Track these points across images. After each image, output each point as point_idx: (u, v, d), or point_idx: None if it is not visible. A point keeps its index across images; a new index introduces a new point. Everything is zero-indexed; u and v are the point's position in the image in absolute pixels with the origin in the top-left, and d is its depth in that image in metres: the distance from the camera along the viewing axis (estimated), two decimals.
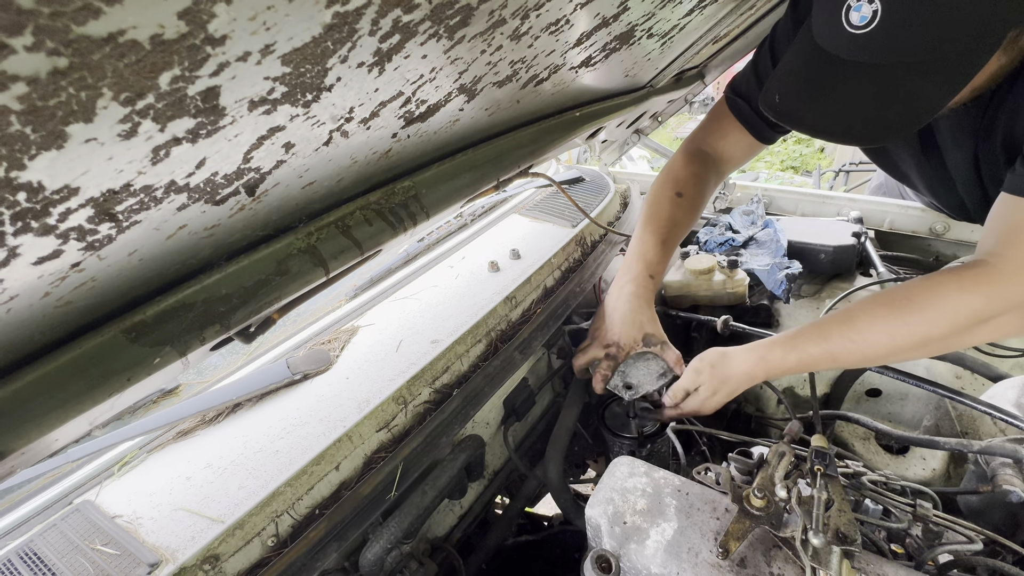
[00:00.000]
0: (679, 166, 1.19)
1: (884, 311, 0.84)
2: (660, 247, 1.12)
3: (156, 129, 0.35)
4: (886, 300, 0.85)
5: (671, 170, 1.20)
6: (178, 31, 0.30)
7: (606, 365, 1.04)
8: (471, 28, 0.52)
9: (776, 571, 0.68)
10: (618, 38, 0.86)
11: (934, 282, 0.82)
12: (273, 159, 0.50)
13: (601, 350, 1.06)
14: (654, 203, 1.18)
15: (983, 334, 0.80)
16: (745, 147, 1.18)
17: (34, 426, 0.45)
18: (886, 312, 0.83)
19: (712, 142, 1.20)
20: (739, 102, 1.11)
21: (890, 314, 0.83)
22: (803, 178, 6.52)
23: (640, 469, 0.82)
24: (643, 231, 1.15)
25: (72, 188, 0.35)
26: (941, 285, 0.81)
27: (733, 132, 1.17)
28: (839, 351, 0.87)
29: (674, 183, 1.17)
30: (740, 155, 1.21)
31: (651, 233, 1.13)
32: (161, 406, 1.00)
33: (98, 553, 0.69)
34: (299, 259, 0.64)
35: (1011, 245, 0.77)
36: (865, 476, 0.82)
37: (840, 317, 0.88)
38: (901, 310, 0.82)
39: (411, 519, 0.85)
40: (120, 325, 0.51)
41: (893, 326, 0.82)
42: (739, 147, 1.18)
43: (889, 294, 0.86)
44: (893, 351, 0.83)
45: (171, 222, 0.47)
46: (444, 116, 0.70)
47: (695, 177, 1.17)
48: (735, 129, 1.15)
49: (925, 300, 0.80)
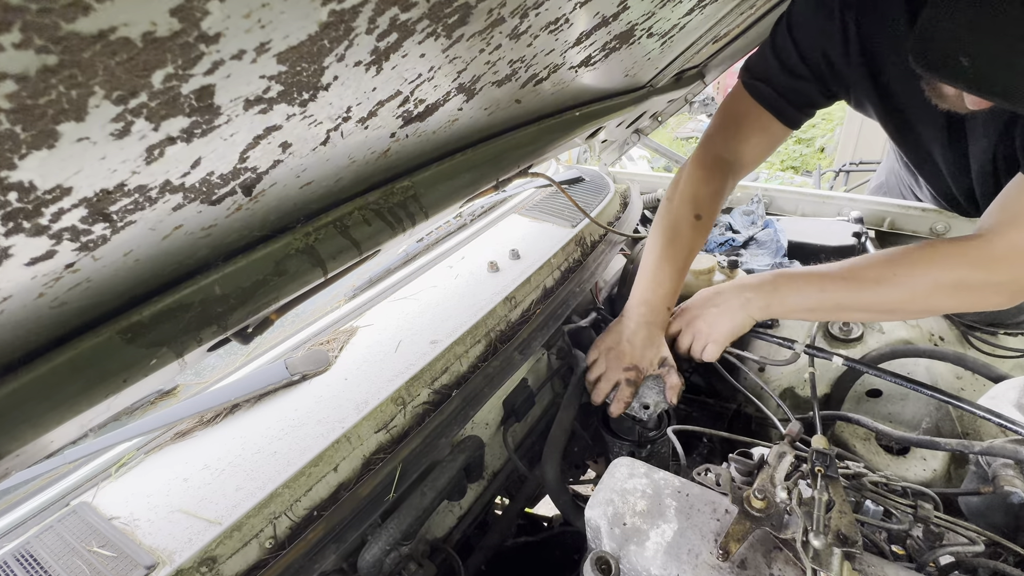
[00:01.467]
0: (700, 181, 1.11)
1: (880, 268, 0.90)
2: (677, 277, 1.10)
3: (150, 128, 0.35)
4: (885, 256, 0.92)
5: (692, 186, 1.12)
6: (171, 28, 0.29)
7: (628, 392, 1.03)
8: (469, 27, 0.52)
9: (777, 572, 0.67)
10: (618, 37, 0.85)
11: (932, 245, 0.88)
12: (270, 159, 0.50)
13: (620, 373, 1.04)
14: (673, 226, 1.11)
15: (961, 302, 0.88)
16: (768, 142, 1.11)
17: (29, 427, 0.45)
18: (883, 267, 0.90)
19: (733, 147, 1.13)
20: (760, 86, 1.04)
21: (886, 271, 0.90)
22: (803, 178, 6.52)
23: (640, 470, 0.82)
24: (661, 259, 1.09)
25: (65, 188, 0.34)
26: (935, 249, 0.86)
27: (754, 131, 1.09)
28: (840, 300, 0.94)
29: (695, 203, 1.10)
30: (761, 153, 1.14)
31: (669, 262, 1.09)
32: (159, 407, 1.00)
33: (95, 555, 0.69)
34: (297, 259, 0.63)
35: (1010, 224, 0.81)
36: (866, 477, 0.82)
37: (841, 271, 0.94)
38: (897, 266, 0.89)
39: (410, 520, 0.85)
40: (116, 326, 0.50)
41: (887, 283, 0.89)
42: (761, 144, 1.11)
43: (890, 252, 0.92)
44: (883, 304, 0.91)
45: (167, 222, 0.47)
46: (443, 116, 0.69)
47: (716, 195, 1.12)
48: (756, 125, 1.08)
49: (918, 258, 0.87)
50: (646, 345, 1.06)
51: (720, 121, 1.16)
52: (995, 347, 1.37)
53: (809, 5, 0.95)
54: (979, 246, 0.83)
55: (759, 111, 1.06)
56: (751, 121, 1.09)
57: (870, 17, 0.88)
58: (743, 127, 1.11)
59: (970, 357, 1.15)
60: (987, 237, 0.83)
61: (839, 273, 0.95)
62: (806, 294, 0.97)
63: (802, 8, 0.97)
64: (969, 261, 0.84)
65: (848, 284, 0.93)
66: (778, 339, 1.08)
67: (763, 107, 1.05)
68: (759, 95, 1.05)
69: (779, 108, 1.04)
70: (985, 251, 0.83)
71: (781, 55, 1.00)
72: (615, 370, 1.05)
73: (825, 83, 0.99)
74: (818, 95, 1.01)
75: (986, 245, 0.83)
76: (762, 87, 1.04)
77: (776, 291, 1.00)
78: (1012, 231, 0.81)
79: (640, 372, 1.05)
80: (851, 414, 1.09)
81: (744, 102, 1.08)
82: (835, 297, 0.94)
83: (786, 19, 1.00)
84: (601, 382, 1.06)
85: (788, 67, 0.99)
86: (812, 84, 0.99)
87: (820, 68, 0.97)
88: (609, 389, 1.05)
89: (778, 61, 1.01)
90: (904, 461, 1.15)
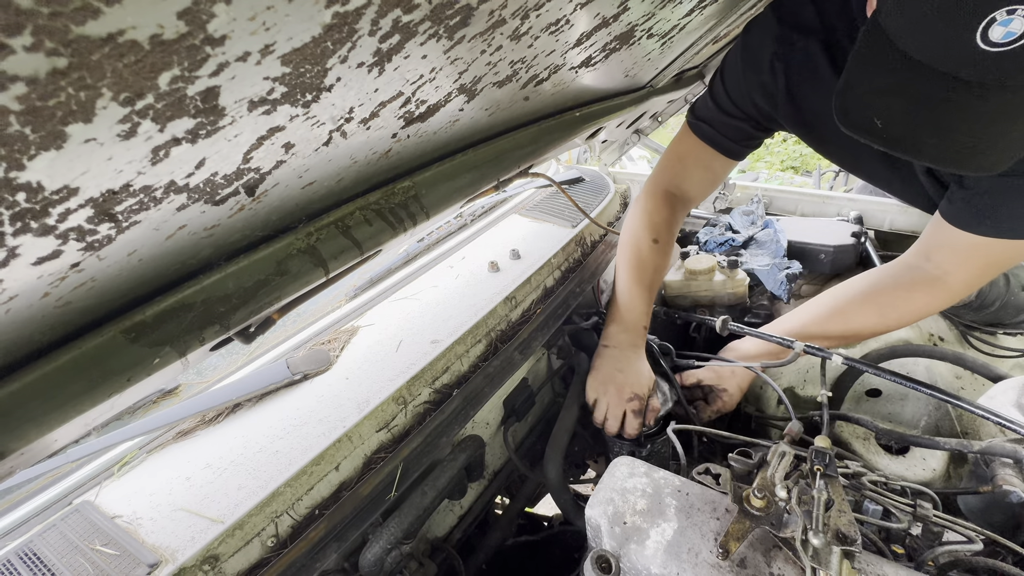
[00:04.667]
0: (652, 211, 1.24)
1: (865, 307, 1.07)
2: (648, 296, 1.21)
3: (156, 129, 0.35)
4: (868, 296, 1.08)
5: (646, 215, 1.24)
6: (177, 31, 0.30)
7: (637, 423, 1.08)
8: (471, 28, 0.52)
9: (776, 571, 0.68)
10: (618, 38, 0.86)
11: (905, 287, 1.03)
12: (273, 159, 0.50)
13: (624, 405, 1.09)
14: (636, 251, 1.24)
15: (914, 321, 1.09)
16: (711, 176, 1.22)
17: (33, 426, 0.45)
18: (868, 307, 1.07)
19: (677, 182, 1.25)
20: (702, 125, 1.15)
21: (873, 309, 1.07)
22: (803, 178, 6.52)
23: (640, 469, 0.82)
24: (631, 282, 1.21)
25: (72, 188, 0.35)
26: (911, 292, 1.03)
27: (697, 167, 1.20)
28: (832, 334, 1.11)
29: (652, 228, 1.23)
30: (706, 186, 1.25)
31: (637, 283, 1.21)
32: (161, 406, 1.00)
33: (98, 553, 0.69)
34: (299, 259, 0.63)
35: (957, 266, 0.97)
36: (865, 476, 0.82)
37: (830, 308, 1.11)
38: (881, 306, 1.06)
39: (411, 519, 0.85)
40: (120, 325, 0.51)
41: (873, 318, 1.07)
42: (705, 178, 1.23)
43: (871, 292, 1.07)
44: (865, 334, 1.12)
45: (171, 222, 0.47)
46: (444, 116, 0.70)
47: (667, 222, 1.24)
48: (699, 162, 1.19)
49: (900, 300, 1.04)
50: (638, 371, 1.13)
51: (667, 159, 1.26)
52: (994, 347, 1.38)
53: (739, 56, 1.04)
54: (943, 289, 0.99)
55: (701, 147, 1.16)
56: (694, 158, 1.20)
57: (797, 68, 0.96)
58: (687, 163, 1.22)
59: (969, 357, 1.16)
60: (945, 280, 0.98)
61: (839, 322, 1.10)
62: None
63: (732, 60, 1.06)
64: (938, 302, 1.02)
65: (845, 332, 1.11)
66: (778, 339, 1.09)
67: (705, 143, 1.16)
68: (701, 133, 1.16)
69: (719, 143, 1.15)
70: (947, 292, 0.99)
71: (718, 99, 1.10)
72: (618, 405, 1.09)
73: (757, 122, 1.09)
74: (753, 131, 1.12)
75: (947, 287, 0.98)
76: (704, 126, 1.15)
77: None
78: (961, 271, 0.96)
79: (642, 399, 1.10)
80: (851, 413, 1.09)
81: (689, 140, 1.18)
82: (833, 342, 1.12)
83: (720, 70, 1.10)
84: (608, 420, 1.10)
85: (723, 109, 1.10)
86: (746, 122, 1.10)
87: (750, 110, 1.07)
88: (619, 425, 1.09)
89: (715, 103, 1.11)
90: (903, 460, 1.15)
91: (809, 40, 0.93)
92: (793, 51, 0.95)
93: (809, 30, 0.93)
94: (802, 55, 0.94)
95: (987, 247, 0.90)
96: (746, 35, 1.03)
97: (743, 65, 1.03)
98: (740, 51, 1.04)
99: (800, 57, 0.95)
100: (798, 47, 0.94)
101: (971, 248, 0.92)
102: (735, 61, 1.06)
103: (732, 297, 1.42)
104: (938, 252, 0.99)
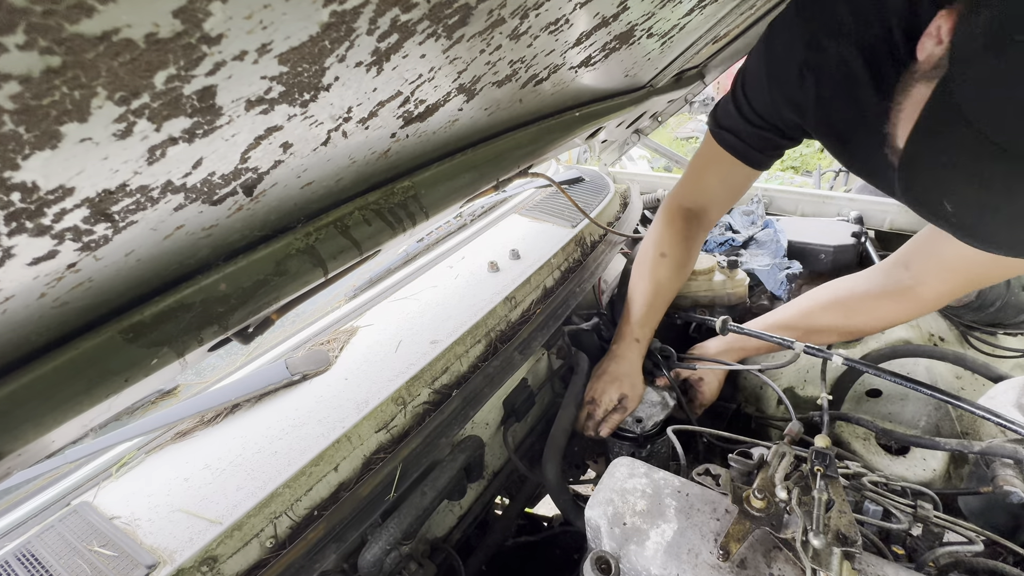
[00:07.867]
0: (664, 225, 1.26)
1: (833, 308, 1.13)
2: (647, 310, 1.23)
3: (152, 129, 0.35)
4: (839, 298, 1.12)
5: (657, 230, 1.27)
6: (173, 30, 0.29)
7: (617, 419, 1.14)
8: (470, 27, 0.52)
9: (776, 572, 0.67)
10: (618, 38, 0.85)
11: (874, 295, 1.07)
12: (271, 159, 0.50)
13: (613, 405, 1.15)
14: (640, 264, 1.28)
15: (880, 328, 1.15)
16: (732, 186, 1.18)
17: (31, 427, 0.45)
18: (836, 309, 1.12)
19: (696, 196, 1.23)
20: (725, 134, 1.08)
21: (839, 311, 1.12)
22: (803, 178, 6.52)
23: (640, 470, 0.82)
24: (632, 294, 1.26)
25: (67, 188, 0.35)
26: (879, 300, 1.06)
27: (718, 178, 1.16)
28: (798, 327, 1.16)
29: (656, 243, 1.26)
30: (727, 197, 1.22)
31: (640, 295, 1.25)
32: (159, 407, 1.00)
33: (96, 555, 0.69)
34: (298, 259, 0.63)
35: (935, 277, 0.98)
36: (865, 477, 0.82)
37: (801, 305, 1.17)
38: (847, 309, 1.11)
39: (410, 520, 0.85)
40: (117, 326, 0.50)
41: (839, 319, 1.12)
42: (724, 190, 1.19)
43: (842, 295, 1.12)
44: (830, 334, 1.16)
45: (168, 222, 0.47)
46: (443, 116, 0.69)
47: (680, 236, 1.24)
48: (721, 172, 1.14)
49: (866, 305, 1.08)
50: (631, 376, 1.18)
51: (688, 172, 1.23)
52: (995, 347, 1.38)
53: (762, 65, 0.94)
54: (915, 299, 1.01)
55: (723, 157, 1.10)
56: (714, 168, 1.15)
57: (830, 77, 0.86)
58: (707, 174, 1.18)
59: (970, 357, 1.16)
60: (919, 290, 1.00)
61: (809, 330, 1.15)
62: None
63: (755, 68, 0.96)
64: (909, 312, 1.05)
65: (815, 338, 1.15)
66: (778, 339, 1.08)
67: (729, 153, 1.09)
68: (724, 142, 1.09)
69: (743, 152, 1.08)
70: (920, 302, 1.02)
71: (740, 108, 1.04)
72: (608, 404, 1.15)
73: (783, 132, 1.03)
74: (780, 139, 1.05)
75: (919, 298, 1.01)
76: (727, 135, 1.08)
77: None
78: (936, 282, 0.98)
79: (631, 400, 1.16)
80: (851, 413, 1.09)
81: (711, 150, 1.12)
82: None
83: (740, 79, 1.02)
84: (603, 426, 1.14)
85: (746, 118, 1.03)
86: (772, 132, 1.03)
87: (776, 121, 1.00)
88: (615, 425, 1.14)
89: (738, 111, 1.04)
90: (904, 461, 1.15)
91: (842, 44, 0.80)
92: (825, 58, 0.83)
93: (843, 33, 0.80)
94: (836, 61, 0.82)
95: (974, 260, 0.89)
96: (769, 40, 0.92)
97: (768, 78, 0.93)
98: (764, 60, 0.93)
99: (833, 64, 0.83)
100: (831, 53, 0.82)
101: (956, 259, 0.92)
102: (758, 70, 0.95)
103: (732, 297, 1.42)
104: (921, 261, 0.99)
